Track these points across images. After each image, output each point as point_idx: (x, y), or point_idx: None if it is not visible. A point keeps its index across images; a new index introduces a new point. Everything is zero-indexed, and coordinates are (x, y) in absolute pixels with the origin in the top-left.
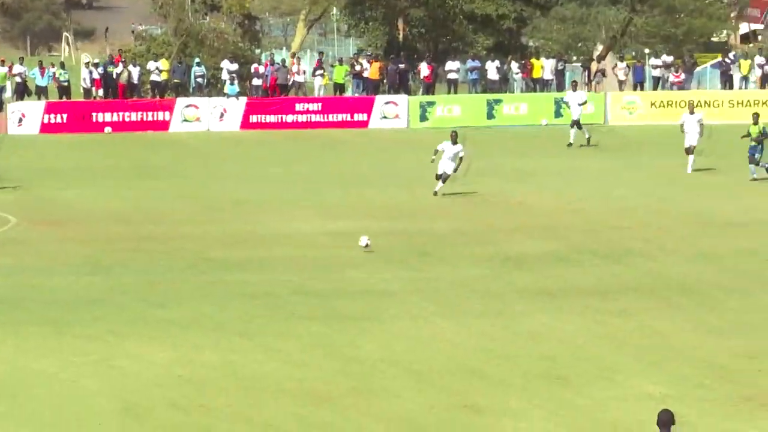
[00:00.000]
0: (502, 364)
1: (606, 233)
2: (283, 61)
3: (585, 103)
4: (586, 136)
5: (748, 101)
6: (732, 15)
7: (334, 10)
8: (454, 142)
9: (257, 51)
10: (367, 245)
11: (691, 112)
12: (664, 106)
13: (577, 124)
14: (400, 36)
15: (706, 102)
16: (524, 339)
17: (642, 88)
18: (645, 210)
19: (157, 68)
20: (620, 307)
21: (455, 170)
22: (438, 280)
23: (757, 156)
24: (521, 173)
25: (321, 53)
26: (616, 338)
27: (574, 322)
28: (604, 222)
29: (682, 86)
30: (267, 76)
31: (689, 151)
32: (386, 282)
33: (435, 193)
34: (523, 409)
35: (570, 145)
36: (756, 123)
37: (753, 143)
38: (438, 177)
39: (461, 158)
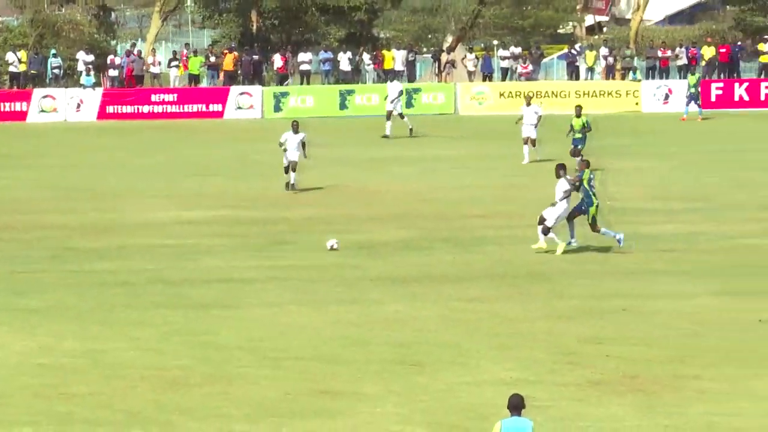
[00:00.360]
0: (357, 350)
1: (458, 222)
2: (139, 52)
3: (401, 94)
4: (387, 132)
5: (594, 92)
6: (578, 7)
7: (189, 2)
8: (296, 131)
9: (113, 42)
10: (332, 247)
11: (528, 104)
12: (512, 96)
13: (389, 115)
14: (254, 27)
15: (553, 92)
16: (379, 326)
17: (491, 79)
18: (495, 198)
19: (18, 59)
20: (473, 294)
21: (305, 156)
22: (294, 268)
23: (579, 147)
24: (374, 162)
25: (187, 45)
26: (469, 325)
27: (428, 309)
28: (455, 210)
29: (530, 77)
30: (123, 67)
31: (526, 142)
32: (243, 270)
33: (291, 187)
34: (378, 394)
35: (387, 136)
36: (579, 116)
37: (578, 135)
38: (286, 169)
39: (304, 144)
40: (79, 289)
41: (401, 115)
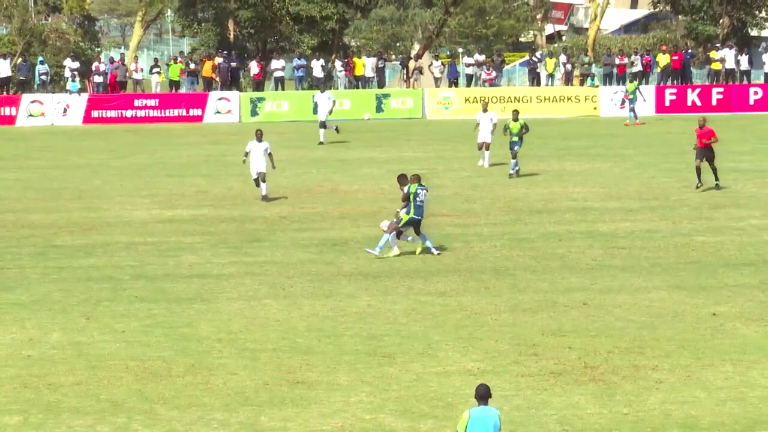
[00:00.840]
0: (331, 342)
1: (427, 220)
2: (122, 59)
3: (334, 104)
4: (334, 128)
5: (554, 97)
6: (538, 17)
7: (169, 12)
8: (260, 140)
9: (97, 50)
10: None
11: (485, 111)
12: (477, 101)
13: (322, 124)
14: (231, 36)
15: (515, 98)
16: (352, 319)
17: (456, 85)
18: (461, 198)
19: (11, 66)
20: (441, 288)
21: (273, 167)
22: (270, 263)
23: (516, 149)
24: (346, 164)
25: (181, 53)
26: (437, 318)
27: (398, 302)
28: (424, 209)
29: (493, 83)
30: (107, 73)
31: (482, 147)
32: (221, 266)
33: (264, 198)
34: (351, 384)
35: (321, 143)
36: (516, 120)
37: (515, 138)
38: (257, 182)
39: (270, 154)
40: (65, 284)
41: (324, 124)
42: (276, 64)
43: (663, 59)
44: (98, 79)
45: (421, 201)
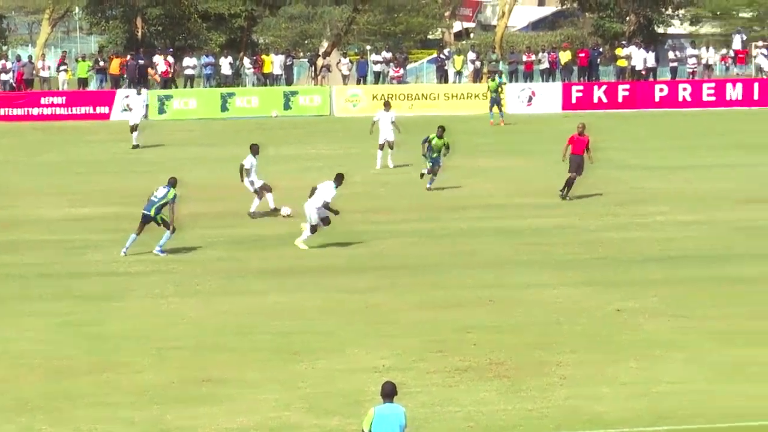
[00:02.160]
0: (240, 340)
1: (334, 217)
2: (30, 57)
3: (147, 108)
4: (134, 142)
5: (462, 94)
6: (446, 14)
7: (77, 9)
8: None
9: (4, 48)
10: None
11: (387, 110)
12: (384, 98)
13: (135, 127)
14: (139, 33)
15: (423, 95)
16: (261, 316)
17: (365, 82)
18: (371, 196)
19: None
20: (350, 285)
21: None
22: (177, 261)
23: (436, 167)
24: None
25: (100, 49)
26: (345, 314)
27: (308, 300)
28: (334, 206)
29: (401, 80)
30: (13, 71)
31: (384, 146)
32: (128, 264)
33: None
34: (259, 382)
35: (137, 146)
36: (441, 137)
37: (435, 155)
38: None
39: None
40: None
41: (136, 127)
42: (186, 61)
43: (564, 56)
44: (5, 77)
45: (153, 197)
